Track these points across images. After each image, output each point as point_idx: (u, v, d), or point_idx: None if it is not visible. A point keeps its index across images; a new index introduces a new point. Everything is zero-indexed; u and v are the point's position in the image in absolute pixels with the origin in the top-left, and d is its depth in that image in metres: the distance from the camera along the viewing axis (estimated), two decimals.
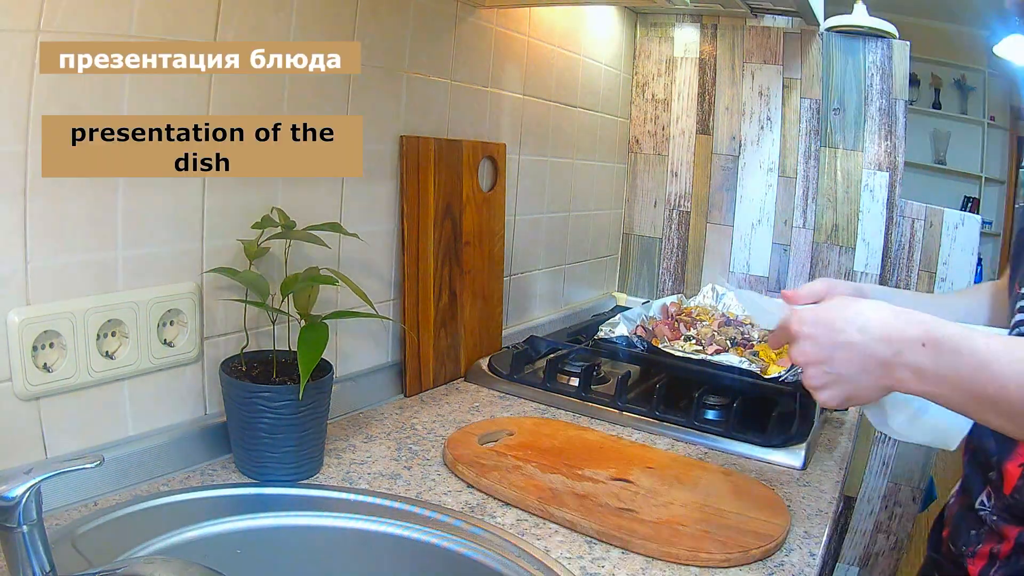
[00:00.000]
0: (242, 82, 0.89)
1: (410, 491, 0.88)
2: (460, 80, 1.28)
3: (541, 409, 1.20)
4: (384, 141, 1.13)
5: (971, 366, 0.60)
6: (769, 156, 1.81)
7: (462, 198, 1.28)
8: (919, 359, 0.62)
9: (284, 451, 0.85)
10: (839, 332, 0.65)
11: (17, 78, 0.68)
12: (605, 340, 1.38)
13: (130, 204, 0.80)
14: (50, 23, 0.69)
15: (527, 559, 0.74)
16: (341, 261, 1.07)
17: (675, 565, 0.76)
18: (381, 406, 1.15)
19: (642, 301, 1.82)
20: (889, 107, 1.67)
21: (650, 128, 1.94)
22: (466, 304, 1.31)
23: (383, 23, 1.09)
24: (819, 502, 0.93)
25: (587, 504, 0.85)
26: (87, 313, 0.76)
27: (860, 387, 0.65)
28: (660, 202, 1.95)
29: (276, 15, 0.92)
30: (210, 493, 0.82)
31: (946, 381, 0.61)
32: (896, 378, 0.64)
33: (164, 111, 0.81)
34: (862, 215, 1.72)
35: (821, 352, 0.66)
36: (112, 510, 0.75)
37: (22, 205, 0.70)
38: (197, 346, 0.88)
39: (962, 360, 0.61)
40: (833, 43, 1.71)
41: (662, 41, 1.90)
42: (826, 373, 0.66)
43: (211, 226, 0.88)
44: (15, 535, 0.54)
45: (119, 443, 0.82)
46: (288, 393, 0.82)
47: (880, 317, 0.65)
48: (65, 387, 0.76)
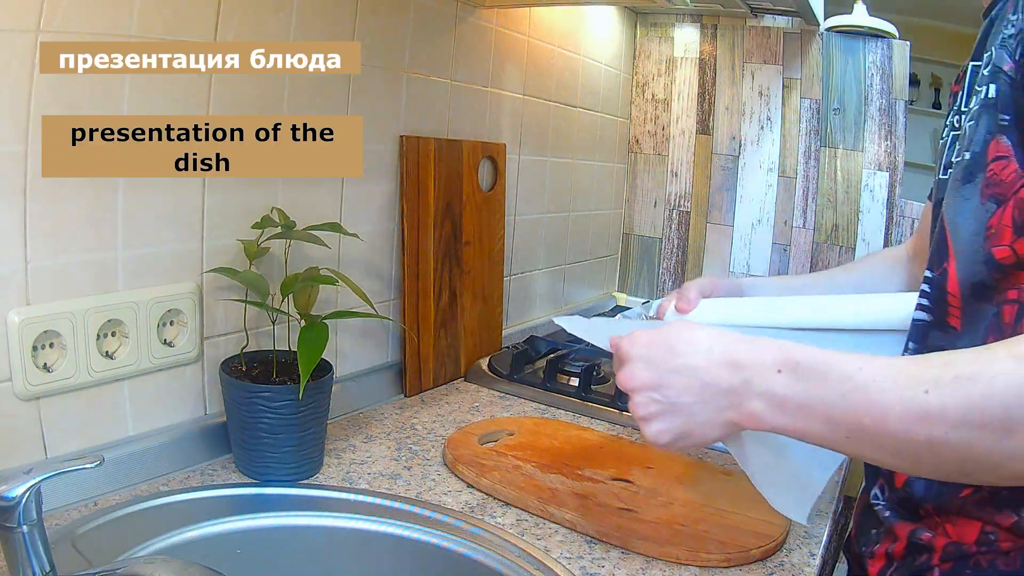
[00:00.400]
0: (242, 82, 0.89)
1: (410, 491, 0.88)
2: (460, 80, 1.28)
3: (541, 409, 1.20)
4: (384, 141, 1.13)
5: (840, 393, 0.50)
6: (769, 156, 1.81)
7: (462, 198, 1.28)
8: (774, 386, 0.53)
9: (284, 451, 0.85)
10: (678, 355, 0.57)
11: (17, 78, 0.68)
12: None
13: (130, 204, 0.80)
14: (50, 23, 0.69)
15: (527, 559, 0.74)
16: (341, 261, 1.07)
17: (675, 565, 0.76)
18: (381, 406, 1.15)
19: (642, 301, 1.82)
20: (889, 107, 1.67)
21: (650, 128, 1.94)
22: (466, 304, 1.31)
23: (383, 23, 1.09)
24: (819, 502, 0.93)
25: (587, 504, 0.84)
26: (87, 313, 0.76)
27: (698, 421, 0.56)
28: (660, 202, 1.95)
29: (276, 15, 0.92)
30: (210, 493, 0.82)
31: (810, 412, 0.52)
32: (746, 411, 0.54)
33: (164, 111, 0.81)
34: (862, 215, 1.72)
35: (653, 376, 0.57)
36: (112, 510, 0.75)
37: (22, 205, 0.70)
38: (197, 346, 0.88)
39: (829, 387, 0.51)
40: (833, 43, 1.71)
41: (662, 41, 1.90)
42: (656, 401, 0.57)
43: (211, 226, 0.88)
44: (15, 535, 0.54)
45: (119, 443, 0.82)
46: (288, 393, 0.82)
47: (727, 340, 0.57)
48: (65, 387, 0.76)
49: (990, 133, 0.58)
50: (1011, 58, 0.57)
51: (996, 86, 0.58)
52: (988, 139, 0.59)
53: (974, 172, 0.60)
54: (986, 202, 0.58)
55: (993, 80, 0.59)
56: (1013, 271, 0.57)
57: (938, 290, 0.64)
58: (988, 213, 0.58)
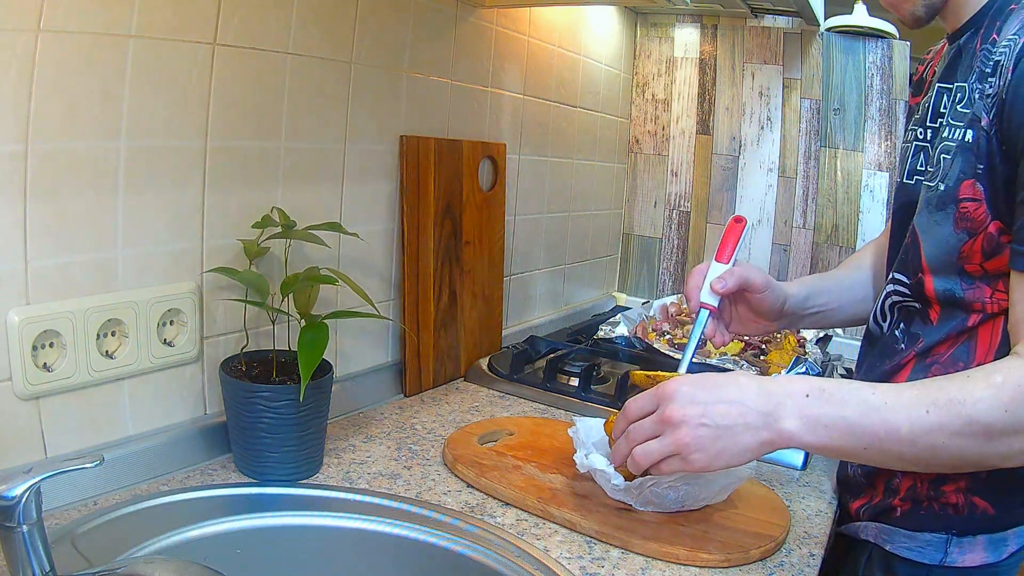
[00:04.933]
0: (243, 82, 0.89)
1: (410, 491, 0.88)
2: (460, 80, 1.28)
3: (541, 409, 1.20)
4: (384, 141, 1.13)
5: (859, 413, 0.63)
6: (769, 156, 1.81)
7: (462, 198, 1.28)
8: (804, 408, 0.65)
9: (284, 451, 0.85)
10: (719, 389, 0.68)
11: (17, 78, 0.68)
12: (605, 340, 1.38)
13: (130, 204, 0.80)
14: (50, 22, 0.69)
15: (527, 559, 0.74)
16: (341, 261, 1.07)
17: (675, 565, 0.76)
18: (381, 406, 1.15)
19: (642, 301, 1.82)
20: (889, 107, 1.67)
21: (650, 128, 1.94)
22: (466, 304, 1.31)
23: (383, 23, 1.09)
24: (819, 502, 0.93)
25: (587, 504, 0.84)
26: (87, 313, 0.76)
27: (738, 443, 0.66)
28: (660, 202, 1.95)
29: (276, 15, 0.92)
30: (210, 493, 0.82)
31: (834, 429, 0.64)
32: (780, 430, 0.65)
33: (165, 111, 0.81)
34: (862, 215, 1.72)
35: (699, 409, 0.67)
36: (112, 510, 0.75)
37: (22, 205, 0.70)
38: (197, 346, 0.88)
39: (849, 407, 0.64)
40: (833, 43, 1.71)
41: (662, 41, 1.90)
42: (705, 426, 0.66)
43: (211, 226, 0.88)
44: (15, 535, 0.54)
45: (119, 443, 0.82)
46: (288, 393, 0.82)
47: (760, 379, 0.69)
48: (65, 387, 0.76)
49: (964, 174, 0.71)
50: (988, 116, 0.69)
51: (974, 133, 0.70)
52: (962, 178, 0.71)
53: (946, 203, 0.73)
54: (959, 232, 0.72)
55: (971, 127, 0.71)
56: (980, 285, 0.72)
57: (917, 294, 0.79)
58: (961, 242, 0.72)
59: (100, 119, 0.75)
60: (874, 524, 0.83)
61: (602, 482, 0.84)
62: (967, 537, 0.76)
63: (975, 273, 0.73)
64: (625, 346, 1.35)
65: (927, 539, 0.78)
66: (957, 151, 0.72)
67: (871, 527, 0.84)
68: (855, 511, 0.87)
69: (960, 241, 0.72)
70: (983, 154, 0.69)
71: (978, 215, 0.71)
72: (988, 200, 0.69)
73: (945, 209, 0.73)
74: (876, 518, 0.84)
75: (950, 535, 0.77)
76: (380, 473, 0.92)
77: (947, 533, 0.77)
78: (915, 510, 0.79)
